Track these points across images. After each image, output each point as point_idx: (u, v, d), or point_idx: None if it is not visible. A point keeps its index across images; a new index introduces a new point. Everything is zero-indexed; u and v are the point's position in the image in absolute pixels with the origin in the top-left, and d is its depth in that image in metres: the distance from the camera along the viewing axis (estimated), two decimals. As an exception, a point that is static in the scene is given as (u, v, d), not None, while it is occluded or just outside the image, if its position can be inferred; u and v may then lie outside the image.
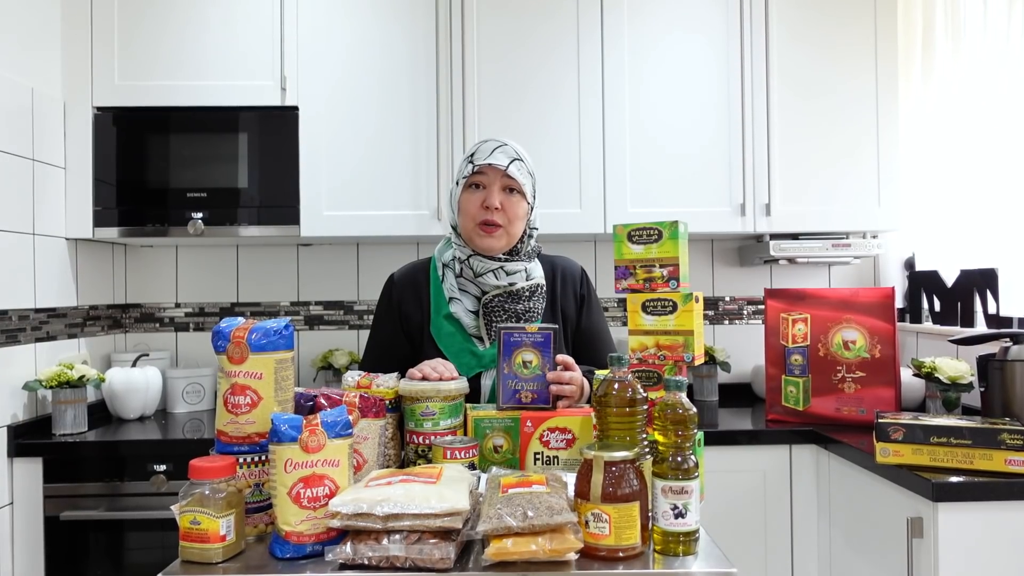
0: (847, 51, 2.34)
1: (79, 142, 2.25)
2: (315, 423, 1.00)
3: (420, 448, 1.23)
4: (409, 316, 1.56)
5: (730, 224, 2.33)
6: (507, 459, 1.23)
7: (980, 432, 1.51)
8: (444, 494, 0.94)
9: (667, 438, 1.00)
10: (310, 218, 2.28)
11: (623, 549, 0.94)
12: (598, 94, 2.31)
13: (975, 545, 1.48)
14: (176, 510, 0.98)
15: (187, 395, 2.43)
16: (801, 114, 2.34)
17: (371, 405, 1.18)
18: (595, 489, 0.94)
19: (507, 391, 1.27)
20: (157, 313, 2.64)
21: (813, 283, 2.67)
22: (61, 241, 2.24)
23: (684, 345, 1.19)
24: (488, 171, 1.48)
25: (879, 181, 2.34)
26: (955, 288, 2.22)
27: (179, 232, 2.25)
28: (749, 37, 2.33)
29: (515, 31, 2.32)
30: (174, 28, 2.28)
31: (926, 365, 2.00)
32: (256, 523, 1.06)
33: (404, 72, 2.31)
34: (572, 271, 1.63)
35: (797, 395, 2.08)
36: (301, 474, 0.98)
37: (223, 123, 2.26)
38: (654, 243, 1.22)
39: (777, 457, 2.03)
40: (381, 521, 0.92)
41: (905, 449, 1.57)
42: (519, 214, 1.50)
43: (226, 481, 0.99)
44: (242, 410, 1.06)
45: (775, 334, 2.12)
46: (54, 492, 1.95)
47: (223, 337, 1.08)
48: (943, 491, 1.47)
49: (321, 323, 2.66)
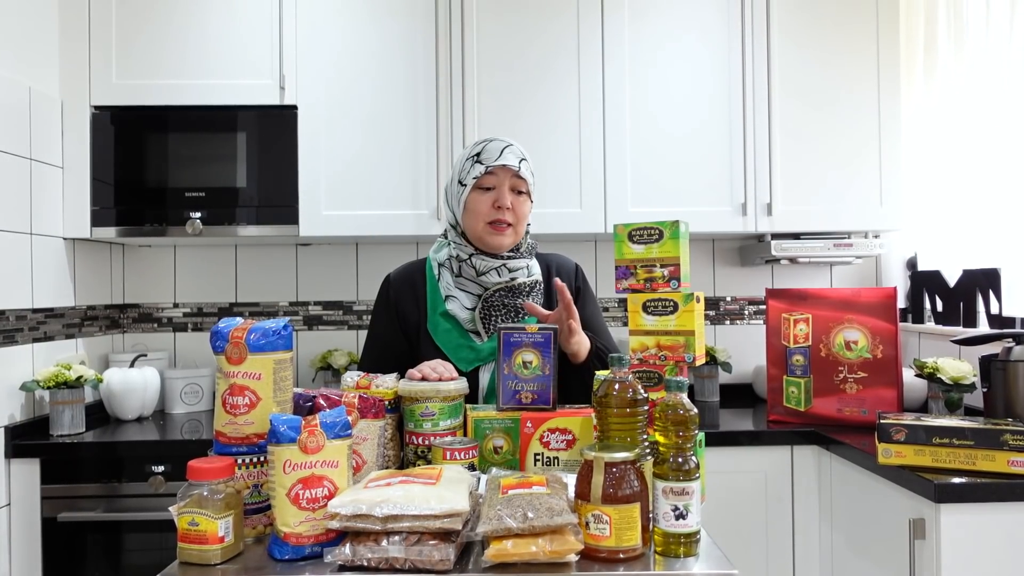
0: (849, 49, 2.34)
1: (77, 141, 2.25)
2: (314, 424, 1.00)
3: (419, 449, 1.23)
4: (406, 315, 1.57)
5: (731, 224, 2.33)
6: (507, 460, 1.23)
7: (983, 433, 1.51)
8: (444, 495, 0.94)
9: (668, 439, 1.00)
10: (309, 218, 2.28)
11: (624, 551, 0.94)
12: (599, 92, 2.32)
13: (978, 547, 1.48)
14: (174, 511, 0.98)
15: (185, 396, 2.43)
16: (803, 113, 2.34)
17: (370, 406, 1.18)
18: (595, 490, 0.94)
19: (507, 392, 1.27)
20: (155, 313, 2.64)
21: (815, 283, 2.67)
22: (59, 241, 2.24)
23: (685, 345, 1.19)
24: (499, 172, 1.50)
25: (881, 180, 2.34)
26: (957, 288, 2.22)
27: (177, 232, 2.25)
28: (750, 36, 2.33)
29: (515, 31, 2.32)
30: (172, 27, 2.28)
31: (928, 366, 2.00)
32: (255, 524, 1.06)
33: (403, 71, 2.31)
34: (566, 266, 1.65)
35: (799, 396, 2.08)
36: (300, 475, 0.98)
37: (221, 122, 2.26)
38: (655, 243, 1.22)
39: (778, 458, 2.03)
40: (380, 522, 0.92)
41: (907, 450, 1.57)
42: (525, 213, 1.55)
43: (224, 482, 0.99)
44: (241, 411, 1.06)
45: (776, 334, 2.12)
46: (52, 493, 1.95)
47: (221, 337, 1.08)
48: (945, 492, 1.47)
49: (320, 323, 2.66)
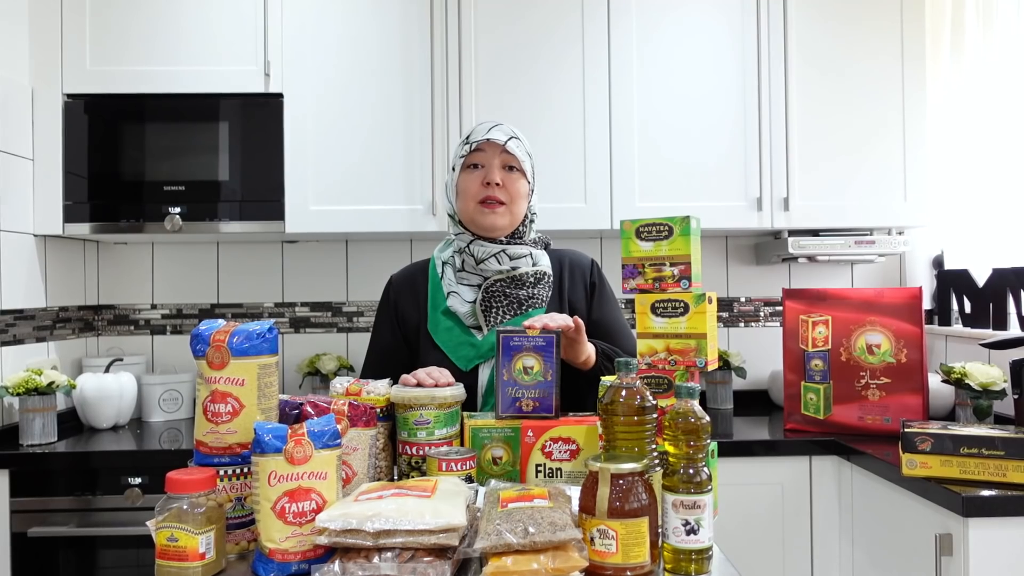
0: (872, 28, 2.34)
1: (48, 132, 2.25)
2: (301, 433, 1.00)
3: (413, 459, 1.23)
4: (406, 317, 1.59)
5: (746, 219, 2.33)
6: (507, 471, 1.23)
7: (1014, 443, 1.51)
8: (439, 509, 0.94)
9: (678, 449, 1.00)
10: (296, 213, 2.28)
11: (631, 568, 0.94)
12: (604, 78, 2.31)
13: (1008, 563, 1.48)
14: (152, 526, 0.98)
15: (164, 403, 2.43)
16: (822, 104, 2.34)
17: (361, 413, 1.18)
18: (601, 504, 0.94)
19: (507, 399, 1.26)
20: (132, 315, 2.64)
21: (834, 283, 2.67)
22: (29, 238, 2.24)
23: (696, 349, 1.19)
24: (486, 147, 1.53)
25: (905, 173, 2.34)
26: (987, 288, 2.22)
27: (155, 228, 2.25)
28: (766, 13, 2.33)
29: (513, 11, 2.32)
30: (149, 9, 2.28)
31: (956, 370, 2.00)
32: (238, 540, 1.06)
33: (397, 57, 2.31)
34: (581, 261, 1.65)
35: (817, 403, 2.08)
36: (286, 487, 0.98)
37: (202, 111, 2.26)
38: (664, 240, 1.22)
39: (796, 469, 2.03)
40: (372, 538, 0.92)
41: (933, 461, 1.57)
42: (521, 192, 1.54)
43: (206, 495, 0.99)
44: (223, 419, 1.06)
45: (794, 337, 2.12)
46: (21, 507, 1.95)
47: (202, 341, 1.08)
48: (974, 506, 1.47)
49: (307, 326, 2.66)
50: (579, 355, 1.41)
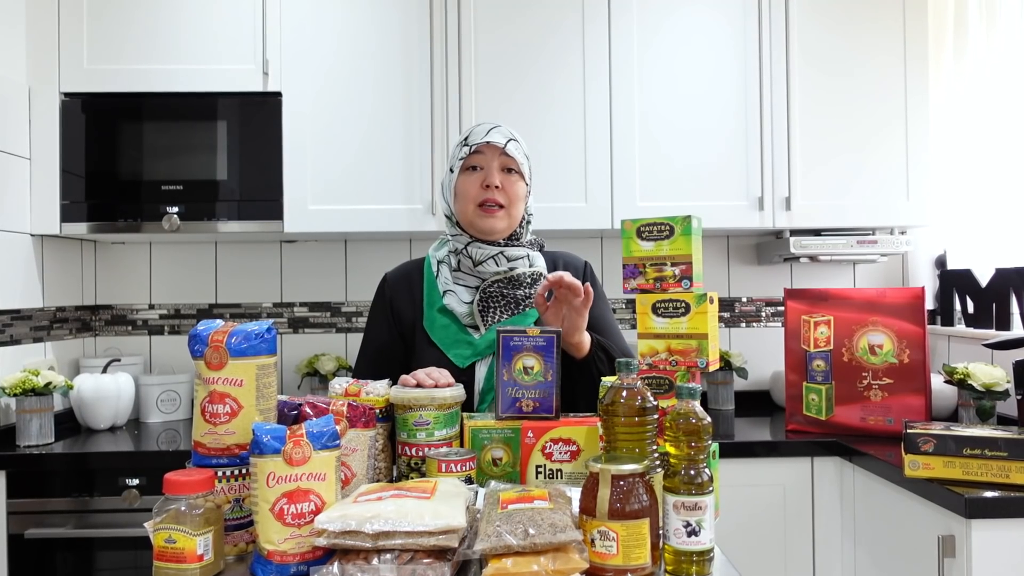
0: (874, 27, 2.34)
1: (45, 131, 2.25)
2: (300, 434, 1.00)
3: (413, 461, 1.23)
4: (401, 314, 1.58)
5: (747, 219, 2.33)
6: (507, 472, 1.23)
7: (1017, 444, 1.51)
8: (439, 510, 0.94)
9: (679, 450, 1.00)
10: (294, 213, 2.28)
11: (632, 569, 0.93)
12: (604, 76, 2.31)
13: (1011, 565, 1.48)
14: (150, 528, 0.98)
15: (162, 403, 2.43)
16: (824, 101, 2.34)
17: (360, 414, 1.18)
18: (602, 505, 0.94)
19: (507, 399, 1.26)
20: (129, 315, 2.64)
21: (837, 283, 2.67)
22: (26, 237, 2.24)
23: (698, 349, 1.18)
24: (485, 150, 1.53)
25: (908, 172, 2.34)
26: (990, 288, 2.22)
27: (153, 228, 2.25)
28: (768, 12, 2.33)
29: (514, 9, 2.32)
30: (147, 8, 2.28)
31: (958, 371, 2.00)
32: (236, 541, 1.06)
33: (396, 56, 2.31)
34: (575, 262, 1.66)
35: (819, 403, 2.08)
36: (284, 489, 0.98)
37: (200, 110, 2.26)
38: (665, 239, 1.22)
39: (798, 470, 2.03)
40: (371, 539, 0.92)
41: (936, 462, 1.57)
42: (519, 194, 1.54)
43: (204, 496, 0.99)
44: (221, 420, 1.06)
45: (796, 338, 2.12)
46: (18, 508, 1.95)
47: (200, 341, 1.08)
48: (977, 507, 1.47)
49: (306, 326, 2.66)
50: (578, 329, 1.41)
